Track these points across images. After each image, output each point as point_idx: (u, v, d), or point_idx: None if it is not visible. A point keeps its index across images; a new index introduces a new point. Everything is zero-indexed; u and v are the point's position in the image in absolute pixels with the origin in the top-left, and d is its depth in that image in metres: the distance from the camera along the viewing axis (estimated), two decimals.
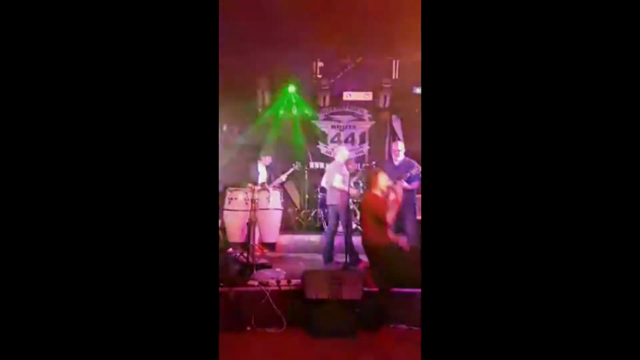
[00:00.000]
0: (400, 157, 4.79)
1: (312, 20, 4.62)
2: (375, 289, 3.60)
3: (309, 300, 3.47)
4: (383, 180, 3.80)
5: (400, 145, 4.88)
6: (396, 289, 3.59)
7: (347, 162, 4.88)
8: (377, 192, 3.76)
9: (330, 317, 3.40)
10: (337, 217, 4.81)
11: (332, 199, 4.80)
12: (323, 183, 5.08)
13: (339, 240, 4.84)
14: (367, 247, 3.87)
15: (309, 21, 4.73)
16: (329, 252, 4.79)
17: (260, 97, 6.44)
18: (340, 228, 4.91)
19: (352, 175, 5.34)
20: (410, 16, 4.68)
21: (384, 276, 3.53)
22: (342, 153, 4.98)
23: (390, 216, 3.58)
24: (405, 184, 4.47)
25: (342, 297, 3.48)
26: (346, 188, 4.49)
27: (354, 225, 5.53)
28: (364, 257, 4.62)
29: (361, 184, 5.78)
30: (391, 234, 3.80)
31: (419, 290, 3.69)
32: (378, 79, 6.18)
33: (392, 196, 3.69)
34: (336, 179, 4.70)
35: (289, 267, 4.39)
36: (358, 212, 5.57)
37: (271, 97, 6.53)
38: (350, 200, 4.95)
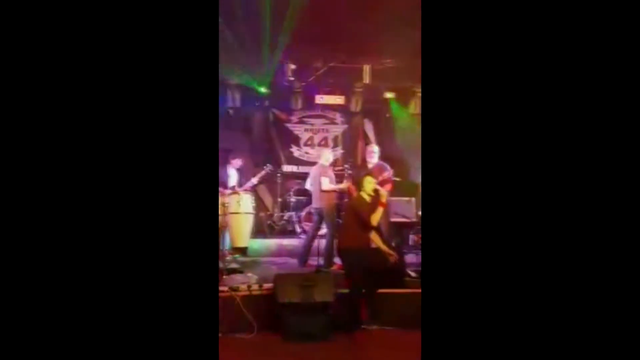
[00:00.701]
0: (374, 159, 4.84)
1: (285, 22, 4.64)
2: (349, 290, 3.60)
3: (281, 304, 3.44)
4: (369, 183, 3.79)
5: (374, 148, 4.93)
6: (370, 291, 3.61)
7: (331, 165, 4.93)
8: (364, 195, 3.75)
9: (302, 321, 3.39)
10: (321, 220, 4.81)
11: (317, 202, 4.79)
12: (308, 186, 5.06)
13: (315, 243, 4.84)
14: (344, 250, 3.84)
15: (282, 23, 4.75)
16: (306, 254, 4.77)
17: (231, 98, 6.35)
18: (322, 231, 4.91)
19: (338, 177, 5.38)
20: (382, 22, 4.77)
21: (359, 278, 3.53)
22: (326, 156, 4.99)
23: (375, 219, 3.57)
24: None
25: (314, 300, 3.47)
26: (336, 189, 4.58)
27: None
28: (338, 260, 4.65)
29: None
30: (382, 245, 3.78)
31: (393, 291, 3.76)
32: (350, 83, 6.24)
33: (382, 197, 3.69)
34: (324, 182, 4.70)
35: (261, 272, 4.34)
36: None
37: (241, 98, 6.45)
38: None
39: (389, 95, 6.43)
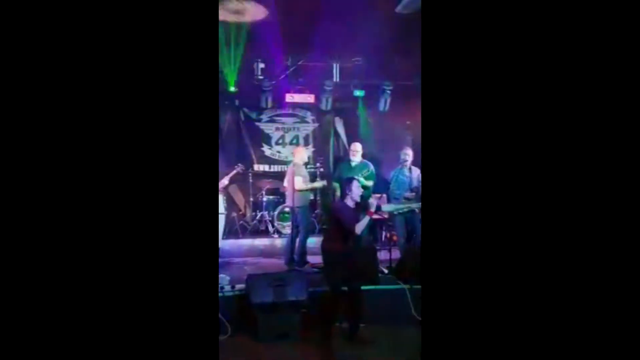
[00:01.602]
0: (357, 157, 4.82)
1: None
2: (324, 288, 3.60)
3: (254, 304, 3.42)
4: (357, 188, 3.58)
5: (357, 146, 4.89)
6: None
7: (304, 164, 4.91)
8: (349, 202, 3.55)
9: (276, 320, 3.38)
10: (297, 219, 4.81)
11: (291, 201, 4.77)
12: (285, 184, 5.03)
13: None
14: (327, 251, 3.66)
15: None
16: (290, 253, 4.76)
17: None
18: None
19: (313, 176, 5.36)
20: (351, 21, 4.81)
21: (338, 276, 3.48)
22: (300, 155, 4.98)
23: (359, 228, 3.43)
24: (367, 182, 4.56)
25: (287, 299, 3.47)
26: (310, 188, 4.56)
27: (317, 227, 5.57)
28: (311, 258, 4.66)
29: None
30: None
31: (367, 287, 3.80)
32: (320, 82, 6.25)
33: (370, 206, 3.51)
34: (297, 181, 4.68)
35: (233, 273, 4.30)
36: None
37: None
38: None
39: (358, 93, 6.49)
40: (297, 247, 4.73)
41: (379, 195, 4.67)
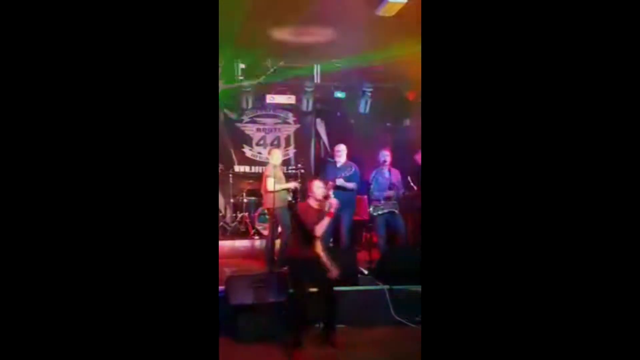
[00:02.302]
0: (342, 158, 4.81)
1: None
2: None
3: (233, 306, 3.40)
4: (319, 188, 3.49)
5: (342, 147, 4.88)
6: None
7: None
8: (312, 203, 3.48)
9: (256, 322, 3.37)
10: (276, 221, 4.78)
11: (269, 202, 4.75)
12: (262, 189, 4.99)
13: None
14: (290, 255, 3.68)
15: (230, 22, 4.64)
16: (270, 254, 4.74)
17: None
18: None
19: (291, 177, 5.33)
20: (331, 23, 4.83)
21: (303, 280, 3.42)
22: (276, 156, 4.96)
23: (319, 230, 3.36)
24: (346, 183, 4.57)
25: (267, 300, 3.45)
26: (284, 189, 4.56)
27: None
28: None
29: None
30: (323, 255, 3.49)
31: (347, 288, 3.82)
32: (300, 83, 6.26)
33: (327, 207, 3.41)
34: (269, 182, 4.66)
35: None
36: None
37: None
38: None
39: (339, 94, 6.52)
40: (279, 248, 4.72)
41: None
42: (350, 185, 4.70)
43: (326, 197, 3.49)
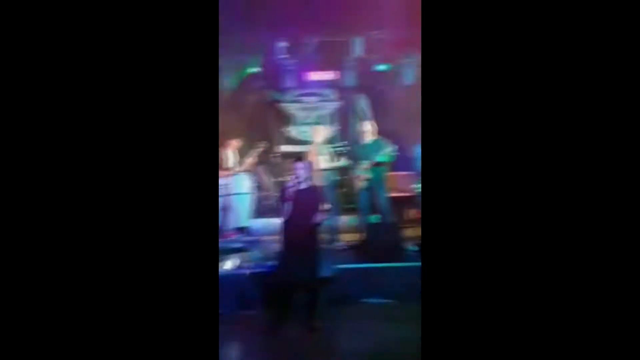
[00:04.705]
0: (369, 137, 4.76)
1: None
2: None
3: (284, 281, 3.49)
4: (301, 169, 3.31)
5: (367, 126, 4.82)
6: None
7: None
8: (303, 185, 3.29)
9: (303, 297, 3.46)
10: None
11: (316, 181, 4.80)
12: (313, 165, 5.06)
13: None
14: (284, 244, 3.40)
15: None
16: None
17: (225, 80, 6.30)
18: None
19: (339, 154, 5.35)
20: None
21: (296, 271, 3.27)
22: (321, 133, 4.96)
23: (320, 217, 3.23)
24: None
25: (315, 276, 3.53)
26: (333, 166, 4.58)
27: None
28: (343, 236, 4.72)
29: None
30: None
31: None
32: (341, 58, 6.16)
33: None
34: (323, 161, 4.69)
35: (263, 250, 4.42)
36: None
37: (235, 80, 6.40)
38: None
39: (381, 67, 6.35)
40: (328, 225, 4.79)
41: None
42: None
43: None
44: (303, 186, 3.28)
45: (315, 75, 6.53)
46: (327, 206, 4.38)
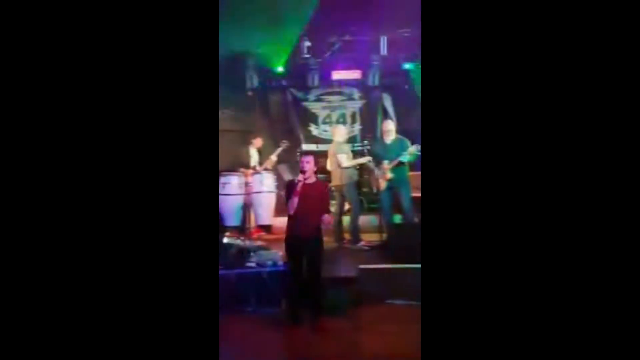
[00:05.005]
0: (391, 136, 4.71)
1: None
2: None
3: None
4: (307, 163, 3.22)
5: (389, 125, 4.78)
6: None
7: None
8: (310, 180, 3.19)
9: (326, 295, 3.45)
10: (343, 198, 4.82)
11: (336, 180, 4.79)
12: (328, 166, 5.03)
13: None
14: (291, 244, 3.33)
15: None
16: (339, 231, 4.82)
17: (249, 80, 6.35)
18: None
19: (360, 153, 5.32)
20: None
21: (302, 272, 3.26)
22: (340, 132, 4.95)
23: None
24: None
25: (338, 275, 3.52)
26: (355, 164, 4.63)
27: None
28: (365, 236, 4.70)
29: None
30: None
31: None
32: (366, 56, 6.11)
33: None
34: (342, 159, 4.68)
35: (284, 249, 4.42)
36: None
37: (259, 80, 6.45)
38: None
39: (407, 66, 6.27)
40: (350, 225, 4.76)
41: None
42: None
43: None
44: (309, 181, 3.22)
45: (339, 74, 6.50)
46: (347, 206, 4.33)
